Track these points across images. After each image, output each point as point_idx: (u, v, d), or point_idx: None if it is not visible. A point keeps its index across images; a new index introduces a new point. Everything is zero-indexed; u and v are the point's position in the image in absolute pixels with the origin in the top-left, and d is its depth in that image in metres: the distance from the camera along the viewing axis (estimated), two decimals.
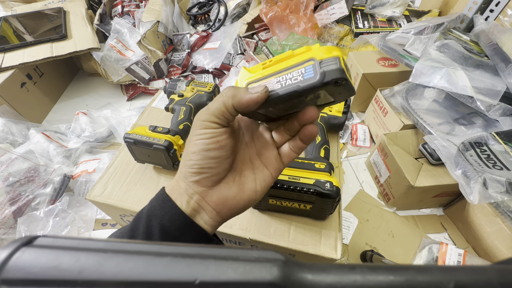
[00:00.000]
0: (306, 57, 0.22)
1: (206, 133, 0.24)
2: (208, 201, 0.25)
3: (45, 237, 0.15)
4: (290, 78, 0.22)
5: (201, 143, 0.24)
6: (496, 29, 0.77)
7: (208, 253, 0.14)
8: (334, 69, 0.21)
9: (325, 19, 1.13)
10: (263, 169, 0.27)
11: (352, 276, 0.12)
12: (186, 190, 0.25)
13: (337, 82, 0.21)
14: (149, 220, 0.24)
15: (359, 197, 0.76)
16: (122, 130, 0.88)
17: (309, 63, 0.22)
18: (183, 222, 0.24)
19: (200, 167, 0.24)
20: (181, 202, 0.25)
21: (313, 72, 0.21)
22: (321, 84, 0.21)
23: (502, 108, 0.63)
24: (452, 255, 0.60)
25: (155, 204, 0.25)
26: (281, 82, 0.23)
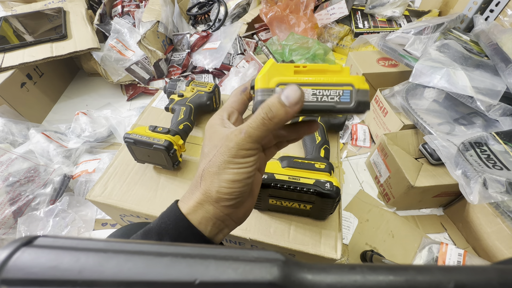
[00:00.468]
0: (345, 81, 0.23)
1: (249, 161, 0.22)
2: (234, 218, 0.25)
3: (45, 237, 0.15)
4: (327, 95, 0.23)
5: (245, 172, 0.22)
6: (496, 29, 0.77)
7: (208, 253, 0.14)
8: (366, 101, 0.23)
9: (325, 19, 1.13)
10: (258, 173, 0.28)
11: (352, 276, 0.12)
12: (215, 214, 0.23)
13: (363, 112, 0.23)
14: (160, 238, 0.23)
15: (359, 197, 0.76)
16: (122, 130, 0.88)
17: (347, 87, 0.23)
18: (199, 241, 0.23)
19: (240, 194, 0.23)
20: (206, 226, 0.23)
21: (349, 98, 0.23)
22: (353, 111, 0.23)
23: (502, 108, 0.63)
24: (452, 255, 0.60)
25: (167, 221, 0.24)
26: (318, 96, 0.23)
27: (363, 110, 0.23)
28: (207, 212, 0.23)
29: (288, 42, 1.04)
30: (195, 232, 0.23)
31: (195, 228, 0.23)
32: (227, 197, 0.23)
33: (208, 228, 0.24)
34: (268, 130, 0.22)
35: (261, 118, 0.22)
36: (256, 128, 0.22)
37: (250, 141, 0.22)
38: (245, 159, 0.22)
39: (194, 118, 0.58)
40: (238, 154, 0.22)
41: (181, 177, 0.54)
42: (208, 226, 0.24)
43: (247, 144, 0.22)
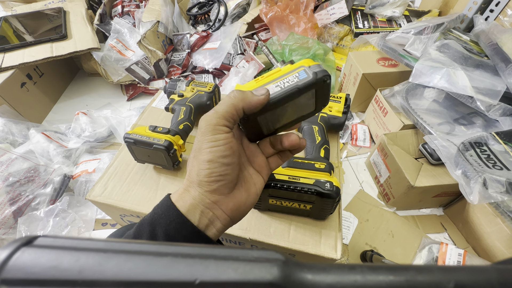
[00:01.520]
0: (296, 67, 0.27)
1: (219, 138, 0.24)
2: (224, 209, 0.25)
3: (45, 237, 0.15)
4: (287, 81, 0.26)
5: (217, 150, 0.23)
6: (496, 29, 0.77)
7: (208, 253, 0.14)
8: (322, 69, 0.26)
9: (325, 19, 1.13)
10: (257, 175, 0.28)
11: (352, 276, 0.12)
12: (202, 200, 0.24)
13: (325, 80, 0.26)
14: (153, 228, 0.23)
15: (359, 197, 0.76)
16: (122, 130, 0.88)
17: (300, 69, 0.26)
18: (190, 232, 0.23)
19: (219, 175, 0.24)
20: (194, 213, 0.24)
21: (305, 74, 0.26)
22: (315, 80, 0.25)
23: (502, 108, 0.63)
24: (452, 255, 0.60)
25: (159, 212, 0.24)
26: (280, 85, 0.26)
27: (324, 77, 0.25)
28: (193, 198, 0.24)
29: (288, 42, 1.04)
30: (184, 221, 0.23)
31: (184, 217, 0.23)
32: (206, 179, 0.24)
33: (196, 217, 0.24)
34: (233, 105, 0.24)
35: (228, 96, 0.25)
36: (223, 104, 0.24)
37: (218, 116, 0.24)
38: (216, 135, 0.23)
39: (194, 118, 0.58)
40: (208, 130, 0.24)
41: (181, 177, 0.54)
42: (196, 214, 0.24)
43: (215, 119, 0.24)
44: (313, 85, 0.25)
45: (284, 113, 0.28)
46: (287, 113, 0.28)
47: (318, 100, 0.28)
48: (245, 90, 0.26)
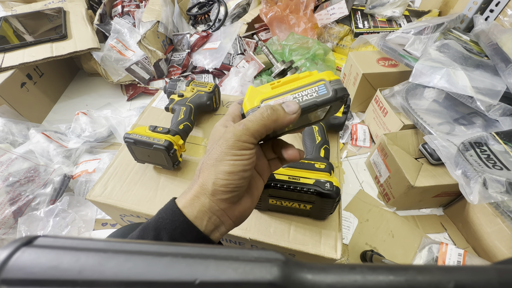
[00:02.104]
0: (315, 79, 0.26)
1: (244, 154, 0.24)
2: (230, 216, 0.26)
3: (45, 237, 0.15)
4: (305, 94, 0.26)
5: (240, 164, 0.24)
6: (496, 29, 0.77)
7: (208, 253, 0.14)
8: (342, 87, 0.26)
9: (325, 19, 1.13)
10: (259, 177, 0.29)
11: (352, 276, 0.12)
12: (211, 207, 0.24)
13: (344, 99, 0.26)
14: (157, 232, 0.24)
15: (359, 197, 0.76)
16: (122, 130, 0.88)
17: (320, 82, 0.26)
18: (196, 237, 0.24)
19: (235, 187, 0.24)
20: (202, 220, 0.24)
21: (325, 89, 0.26)
22: (334, 98, 0.25)
23: (502, 108, 0.63)
24: (452, 255, 0.60)
25: (164, 216, 0.24)
26: (298, 98, 0.26)
27: (343, 96, 0.26)
28: (203, 205, 0.24)
29: (288, 42, 1.04)
30: (191, 227, 0.24)
31: (191, 223, 0.24)
32: (222, 189, 0.24)
33: (204, 223, 0.24)
34: (265, 126, 0.24)
35: (260, 114, 0.24)
36: (255, 122, 0.24)
37: (248, 133, 0.24)
38: (242, 151, 0.24)
39: (194, 118, 0.58)
40: (235, 145, 0.23)
41: (181, 177, 0.54)
42: (204, 220, 0.24)
43: (244, 136, 0.23)
44: (331, 102, 0.26)
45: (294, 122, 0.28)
46: (297, 122, 0.28)
47: (329, 113, 0.28)
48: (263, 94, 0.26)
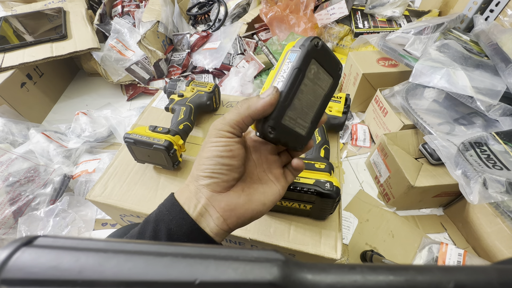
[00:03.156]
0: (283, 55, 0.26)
1: (220, 141, 0.26)
2: (216, 206, 0.26)
3: (45, 237, 0.15)
4: (284, 70, 0.25)
5: (215, 150, 0.26)
6: (496, 29, 0.77)
7: (208, 253, 0.14)
8: (305, 38, 0.25)
9: (325, 19, 1.13)
10: (272, 184, 0.29)
11: (352, 276, 0.12)
12: (196, 193, 0.26)
13: (316, 44, 0.25)
14: (156, 224, 0.25)
15: (359, 197, 0.76)
16: (122, 130, 0.88)
17: (288, 53, 0.26)
18: (190, 228, 0.25)
19: (212, 172, 0.26)
20: (188, 205, 0.26)
21: (294, 53, 0.25)
22: (305, 51, 0.24)
23: (502, 108, 0.63)
24: (452, 255, 0.60)
25: (163, 209, 0.26)
26: (280, 79, 0.25)
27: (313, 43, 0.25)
28: (190, 191, 0.26)
29: (288, 42, 1.04)
30: (182, 212, 0.25)
31: (182, 208, 0.25)
32: (201, 173, 0.26)
33: (190, 209, 0.26)
34: (239, 114, 0.25)
35: (236, 106, 0.26)
36: (230, 112, 0.26)
37: (224, 122, 0.26)
38: (218, 138, 0.26)
39: (194, 118, 0.58)
40: (212, 133, 0.26)
41: (181, 177, 0.54)
42: (191, 206, 0.26)
43: (220, 124, 0.26)
44: (308, 56, 0.24)
45: (306, 102, 0.26)
46: (309, 100, 0.27)
47: (327, 68, 0.27)
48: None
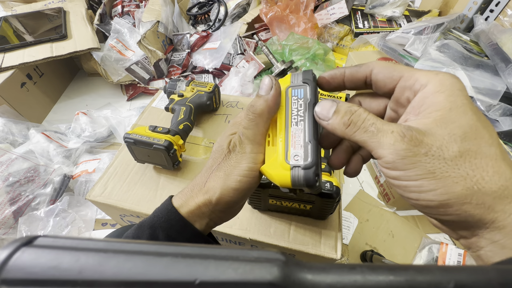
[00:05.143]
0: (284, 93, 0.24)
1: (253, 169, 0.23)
2: (222, 219, 0.27)
3: (45, 237, 0.15)
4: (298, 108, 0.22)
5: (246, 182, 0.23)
6: (496, 29, 0.77)
7: (208, 253, 0.14)
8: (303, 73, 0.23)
9: (325, 19, 1.13)
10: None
11: (352, 276, 0.12)
12: (209, 216, 0.25)
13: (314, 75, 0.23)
14: (153, 230, 0.24)
15: (359, 197, 0.76)
16: (122, 130, 0.88)
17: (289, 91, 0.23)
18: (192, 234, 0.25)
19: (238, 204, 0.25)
20: (200, 224, 0.25)
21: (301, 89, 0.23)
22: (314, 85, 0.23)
23: (502, 108, 0.63)
24: (452, 255, 0.60)
25: (159, 215, 0.25)
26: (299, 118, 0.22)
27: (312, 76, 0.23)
28: (203, 213, 0.25)
29: (288, 42, 1.04)
30: (187, 225, 0.25)
31: (187, 221, 0.25)
32: (225, 206, 0.24)
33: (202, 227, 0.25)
34: (257, 125, 0.23)
35: (246, 115, 0.23)
36: (248, 127, 0.23)
37: (249, 142, 0.23)
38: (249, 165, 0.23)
39: (194, 118, 0.58)
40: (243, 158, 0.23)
41: (181, 177, 0.54)
42: (203, 225, 0.25)
43: (248, 146, 0.23)
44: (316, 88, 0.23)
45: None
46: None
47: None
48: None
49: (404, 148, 0.17)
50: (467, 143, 0.17)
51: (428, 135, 0.17)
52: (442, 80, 0.18)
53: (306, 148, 0.21)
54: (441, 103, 0.17)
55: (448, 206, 0.17)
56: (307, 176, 0.21)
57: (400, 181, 0.18)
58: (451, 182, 0.16)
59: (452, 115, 0.17)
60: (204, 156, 0.57)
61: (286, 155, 0.22)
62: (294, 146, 0.22)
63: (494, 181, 0.16)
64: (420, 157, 0.17)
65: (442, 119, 0.17)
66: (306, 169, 0.21)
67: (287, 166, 0.21)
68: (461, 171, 0.16)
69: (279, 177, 0.22)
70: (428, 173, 0.17)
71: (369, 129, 0.18)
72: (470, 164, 0.16)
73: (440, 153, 0.17)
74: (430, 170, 0.17)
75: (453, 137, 0.17)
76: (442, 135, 0.17)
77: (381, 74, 0.21)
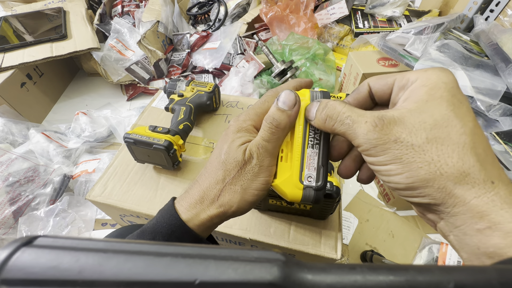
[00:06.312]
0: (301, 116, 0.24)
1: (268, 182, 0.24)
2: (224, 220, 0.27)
3: (45, 237, 0.15)
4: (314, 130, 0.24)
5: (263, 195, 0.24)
6: (496, 29, 0.77)
7: (208, 253, 0.14)
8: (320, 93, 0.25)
9: (325, 19, 1.13)
10: None
11: (352, 276, 0.12)
12: (212, 219, 0.25)
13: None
14: (153, 236, 0.24)
15: (359, 197, 0.76)
16: (122, 130, 0.88)
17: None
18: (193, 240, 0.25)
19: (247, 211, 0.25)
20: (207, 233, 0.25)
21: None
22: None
23: (502, 108, 0.63)
24: (452, 255, 0.60)
25: (161, 220, 0.25)
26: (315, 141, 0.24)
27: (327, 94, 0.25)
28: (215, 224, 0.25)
29: (288, 42, 1.04)
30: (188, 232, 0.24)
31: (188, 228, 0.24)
32: (236, 215, 0.25)
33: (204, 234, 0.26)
34: (278, 138, 0.23)
35: (268, 128, 0.23)
36: (269, 140, 0.23)
37: (268, 155, 0.23)
38: (266, 178, 0.24)
39: (194, 118, 0.58)
40: (261, 172, 0.23)
41: (181, 177, 0.54)
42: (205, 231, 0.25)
43: (266, 159, 0.23)
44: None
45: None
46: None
47: None
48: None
49: (376, 137, 0.19)
50: (436, 131, 0.18)
51: (399, 123, 0.18)
52: (429, 75, 0.19)
53: (319, 172, 0.23)
54: (420, 95, 0.19)
55: (413, 189, 0.18)
56: (317, 196, 0.24)
57: (374, 166, 0.20)
58: (416, 166, 0.18)
59: (427, 106, 0.18)
60: (204, 156, 0.57)
61: (300, 175, 0.24)
62: (309, 168, 0.23)
63: (457, 167, 0.17)
64: (390, 144, 0.18)
65: (417, 109, 0.18)
66: (317, 191, 0.23)
67: (300, 186, 0.24)
68: (427, 156, 0.17)
69: (291, 194, 0.24)
70: (396, 159, 0.18)
71: (345, 122, 0.20)
72: (436, 150, 0.17)
73: (409, 139, 0.18)
74: (398, 156, 0.18)
75: (423, 125, 0.18)
76: (413, 123, 0.18)
77: (377, 84, 0.22)
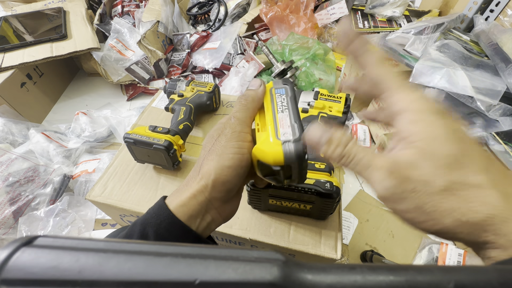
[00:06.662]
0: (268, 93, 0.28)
1: (243, 147, 0.25)
2: (222, 214, 0.26)
3: (45, 237, 0.15)
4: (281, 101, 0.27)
5: (238, 158, 0.24)
6: (496, 29, 0.77)
7: (208, 253, 0.14)
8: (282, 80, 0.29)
9: (325, 19, 1.13)
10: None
11: (352, 276, 0.12)
12: (207, 206, 0.24)
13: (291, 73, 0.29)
14: (143, 227, 0.24)
15: (359, 197, 0.76)
16: (122, 130, 0.88)
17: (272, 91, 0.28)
18: (182, 232, 0.24)
19: (232, 184, 0.25)
20: (196, 218, 0.24)
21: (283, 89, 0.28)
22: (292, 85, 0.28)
23: (502, 108, 0.63)
24: (452, 255, 0.60)
25: (150, 212, 0.25)
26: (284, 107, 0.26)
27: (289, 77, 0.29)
28: (199, 204, 0.24)
29: (288, 42, 1.03)
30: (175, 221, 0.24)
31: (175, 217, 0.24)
32: (220, 186, 0.24)
33: (197, 222, 0.25)
34: (248, 109, 0.26)
35: (239, 102, 0.27)
36: (239, 110, 0.26)
37: (239, 122, 0.26)
38: (241, 143, 0.25)
39: (194, 118, 0.58)
40: (233, 137, 0.25)
41: (181, 177, 0.54)
42: (198, 219, 0.25)
43: (238, 126, 0.25)
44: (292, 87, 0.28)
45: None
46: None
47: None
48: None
49: (392, 185, 0.18)
50: (452, 176, 0.17)
51: (413, 169, 0.18)
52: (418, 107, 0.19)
53: (293, 127, 0.25)
54: (422, 133, 0.18)
55: (442, 234, 0.18)
56: (298, 147, 0.24)
57: (395, 211, 0.19)
58: (439, 215, 0.17)
59: (434, 146, 0.18)
60: None
61: (276, 133, 0.25)
62: (283, 126, 0.25)
63: (481, 212, 0.16)
64: (408, 193, 0.18)
65: (425, 150, 0.18)
66: (296, 142, 0.24)
67: (278, 142, 0.24)
68: (448, 205, 0.17)
69: (273, 154, 0.24)
70: (417, 208, 0.18)
71: (360, 163, 0.20)
72: (456, 197, 0.17)
73: (426, 188, 0.17)
74: (419, 205, 0.18)
75: (437, 171, 0.17)
76: (427, 169, 0.17)
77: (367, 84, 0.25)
